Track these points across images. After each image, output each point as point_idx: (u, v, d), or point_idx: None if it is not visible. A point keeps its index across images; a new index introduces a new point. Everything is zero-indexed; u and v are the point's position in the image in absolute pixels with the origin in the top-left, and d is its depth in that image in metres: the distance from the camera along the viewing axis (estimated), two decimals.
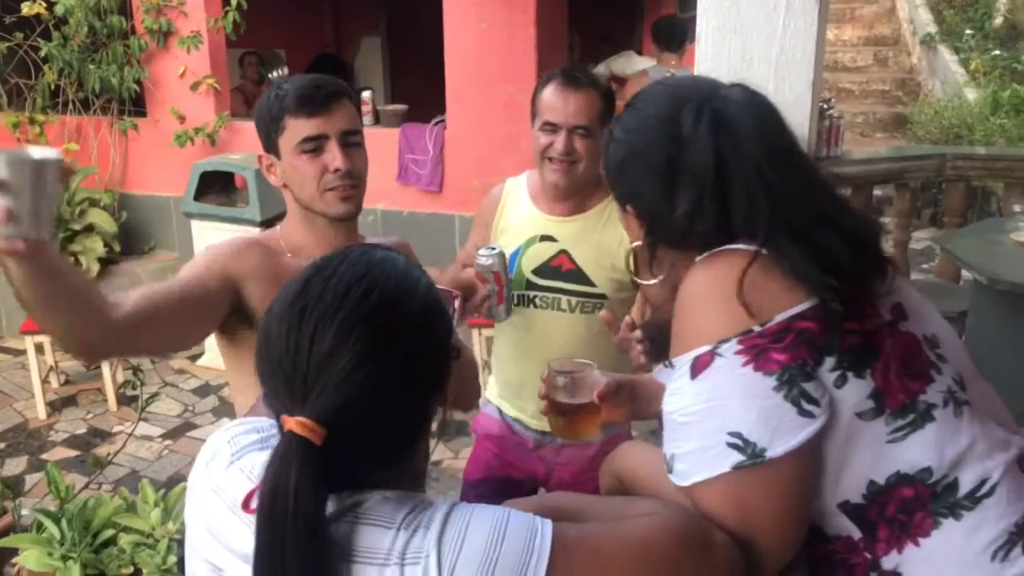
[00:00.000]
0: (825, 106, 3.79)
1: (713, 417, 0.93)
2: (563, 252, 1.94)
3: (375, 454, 0.83)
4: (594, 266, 1.92)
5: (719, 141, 1.01)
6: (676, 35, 4.79)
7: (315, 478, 0.77)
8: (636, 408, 1.37)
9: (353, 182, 1.51)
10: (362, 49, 7.63)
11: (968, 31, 10.51)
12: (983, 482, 0.98)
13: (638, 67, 5.29)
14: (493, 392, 2.14)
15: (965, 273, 3.63)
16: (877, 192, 4.68)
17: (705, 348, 0.94)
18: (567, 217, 1.95)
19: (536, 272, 1.93)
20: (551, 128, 1.84)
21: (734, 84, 1.09)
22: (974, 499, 0.98)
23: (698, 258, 1.02)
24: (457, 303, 1.43)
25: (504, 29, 4.37)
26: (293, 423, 0.79)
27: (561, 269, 1.93)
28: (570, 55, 5.87)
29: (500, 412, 2.10)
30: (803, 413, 0.92)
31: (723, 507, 0.94)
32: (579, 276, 1.93)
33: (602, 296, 1.93)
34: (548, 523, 0.82)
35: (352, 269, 0.85)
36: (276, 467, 0.78)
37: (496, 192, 2.07)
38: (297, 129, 1.47)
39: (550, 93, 1.85)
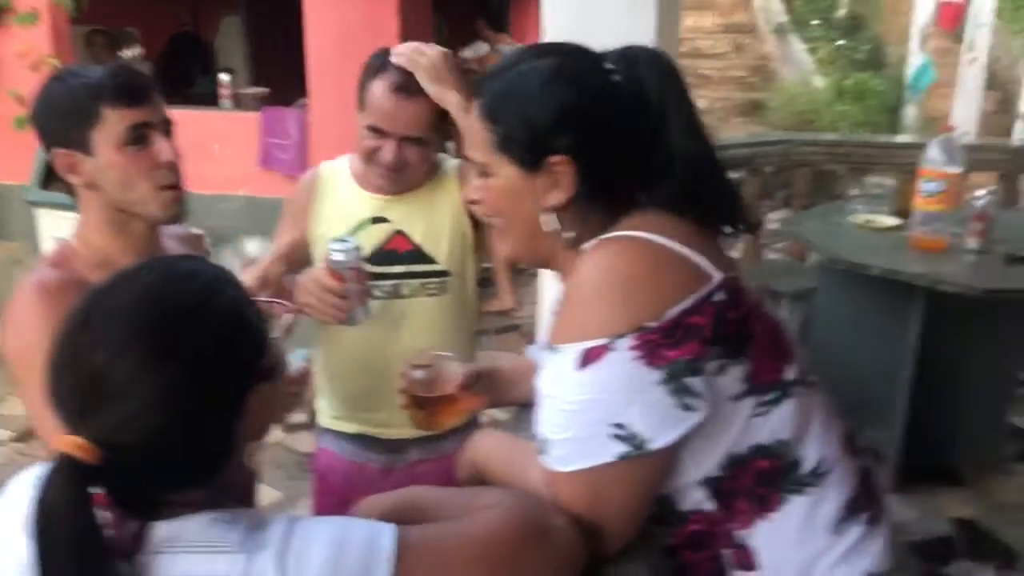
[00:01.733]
0: None
1: (598, 408, 0.94)
2: (398, 232, 1.80)
3: (172, 474, 0.81)
4: (434, 243, 1.81)
5: (661, 81, 1.01)
6: (504, 18, 4.95)
7: (81, 498, 0.74)
8: (495, 396, 1.39)
9: (179, 178, 1.39)
10: (222, 28, 7.33)
11: (815, 21, 11.09)
12: (824, 459, 1.05)
13: (482, 51, 5.37)
14: (326, 417, 1.93)
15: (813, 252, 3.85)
16: (733, 176, 4.90)
17: (600, 341, 0.95)
18: (399, 195, 1.80)
19: (372, 259, 1.75)
20: (379, 133, 1.69)
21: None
22: (816, 475, 1.04)
23: (590, 243, 1.02)
24: (288, 317, 1.31)
25: (367, 11, 4.30)
26: (62, 442, 0.76)
27: (399, 251, 1.80)
28: (437, 38, 5.83)
29: (339, 440, 1.91)
30: (685, 408, 0.94)
31: (589, 497, 0.96)
32: (419, 255, 1.81)
33: (445, 273, 1.82)
34: (390, 529, 0.82)
35: (148, 280, 0.83)
36: (44, 487, 0.75)
37: (308, 178, 1.90)
38: (120, 119, 1.31)
39: (381, 95, 1.67)
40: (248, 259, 4.67)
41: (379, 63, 1.69)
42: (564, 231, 1.06)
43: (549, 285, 1.85)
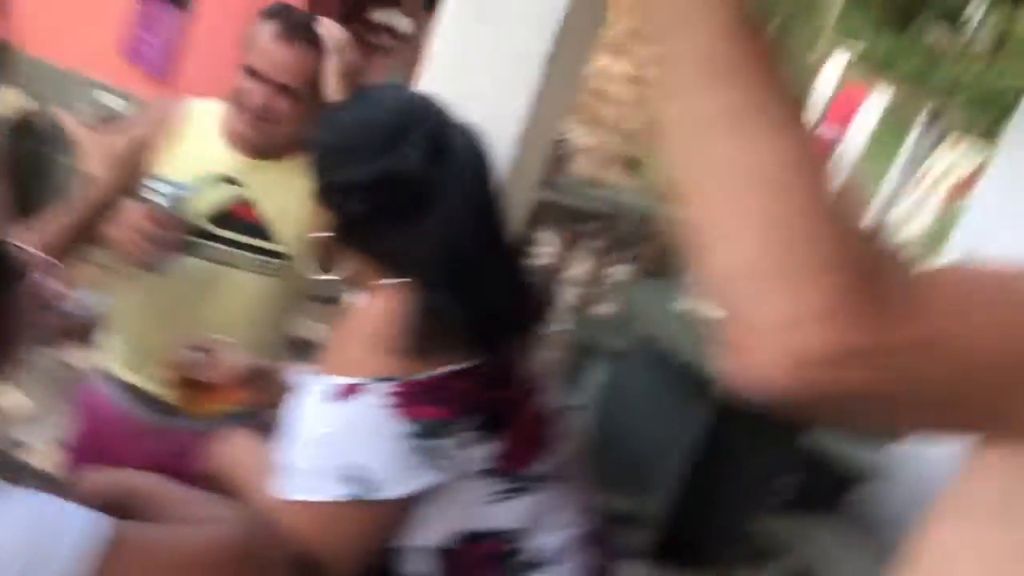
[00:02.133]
0: (562, 135, 4.01)
1: (337, 444, 0.95)
2: (247, 200, 1.72)
3: None
4: (282, 222, 1.73)
5: (438, 170, 1.02)
6: None
7: None
8: (273, 394, 1.36)
9: None
10: None
11: None
12: (553, 553, 1.09)
13: (401, 25, 5.27)
14: (110, 359, 1.82)
15: None
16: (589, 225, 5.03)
17: (359, 380, 0.95)
18: (260, 161, 1.72)
19: (212, 219, 1.69)
20: (253, 75, 1.63)
21: (463, 122, 1.10)
22: (540, 568, 1.08)
23: (380, 281, 1.03)
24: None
25: None
26: None
27: (243, 219, 1.71)
28: None
29: (115, 385, 1.81)
30: (425, 466, 0.96)
31: (310, 530, 0.96)
32: (261, 230, 1.72)
33: (284, 256, 1.76)
34: (103, 520, 0.78)
35: None
36: None
37: (172, 109, 1.78)
38: None
39: (266, 37, 1.63)
40: (105, 114, 4.34)
41: (277, 9, 1.66)
42: (339, 265, 1.11)
43: None
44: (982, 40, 12.76)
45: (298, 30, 1.62)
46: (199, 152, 1.73)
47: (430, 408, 0.95)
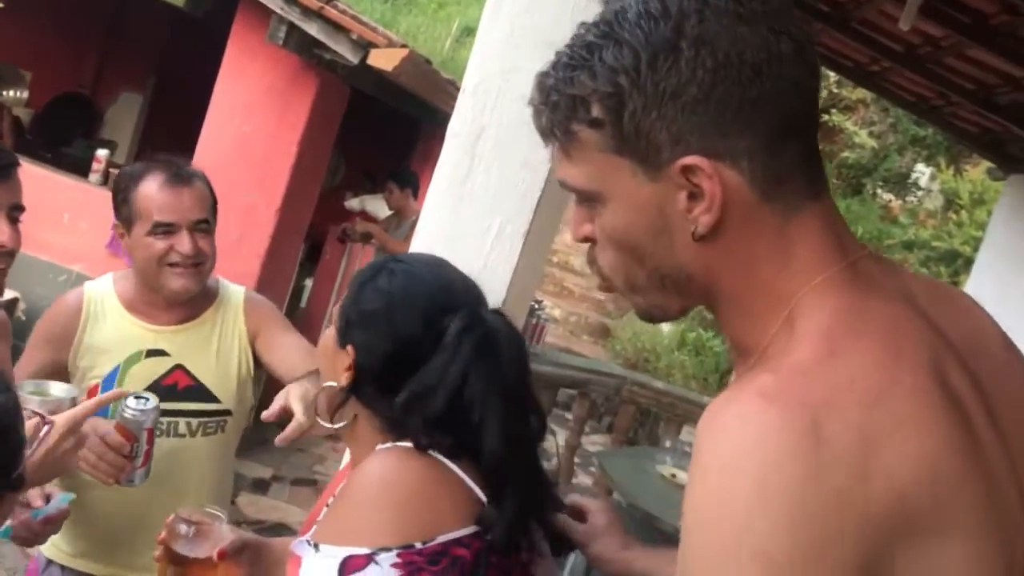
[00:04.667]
0: (536, 306, 4.10)
1: None
2: (179, 367, 1.70)
3: None
4: (216, 379, 1.72)
5: (475, 365, 1.04)
6: (414, 180, 5.19)
7: None
8: (259, 571, 1.33)
9: (5, 263, 1.39)
10: (120, 102, 7.21)
11: None
12: None
13: (383, 214, 5.49)
14: (58, 550, 1.71)
15: None
16: (566, 393, 5.06)
17: (363, 551, 0.94)
18: (178, 326, 1.72)
19: (147, 390, 1.60)
20: (167, 229, 1.63)
21: (497, 310, 1.13)
22: None
23: (381, 446, 1.03)
24: (47, 429, 1.22)
25: (268, 138, 4.35)
26: None
27: (178, 387, 1.69)
28: (330, 178, 5.93)
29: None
30: None
31: None
32: (201, 392, 1.71)
33: (227, 412, 1.74)
34: None
35: None
36: None
37: (73, 300, 1.72)
38: None
39: (157, 191, 1.63)
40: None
41: (135, 170, 1.69)
42: (339, 413, 1.11)
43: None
44: (932, 199, 13.48)
45: (183, 170, 1.67)
46: (113, 334, 1.70)
47: None
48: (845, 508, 0.57)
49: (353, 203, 6.02)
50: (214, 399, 1.73)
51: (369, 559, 0.94)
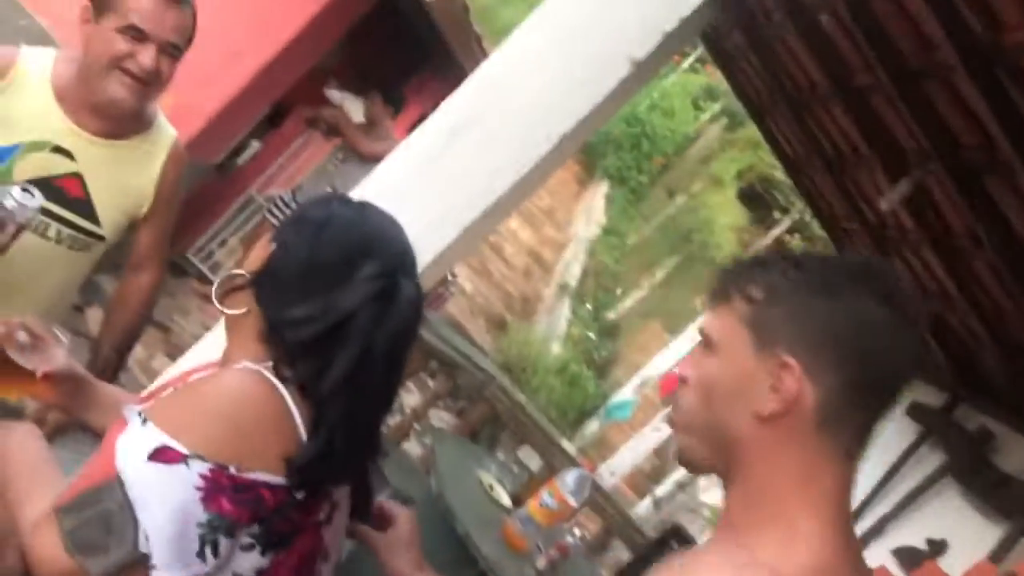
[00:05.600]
0: (449, 277, 4.13)
1: (132, 499, 0.92)
2: (77, 176, 1.63)
3: None
4: (108, 205, 1.67)
5: (366, 310, 1.05)
6: (401, 100, 5.14)
7: None
8: (76, 405, 1.30)
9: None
10: None
11: (588, 306, 12.14)
12: None
13: (356, 119, 5.39)
14: None
15: None
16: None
17: (182, 449, 0.95)
18: (98, 138, 1.65)
19: (34, 184, 1.54)
20: (138, 35, 1.56)
21: (413, 278, 1.15)
22: None
23: (249, 364, 1.04)
24: None
25: None
26: None
27: (67, 193, 1.63)
28: (323, 60, 5.80)
29: None
30: (199, 555, 0.96)
31: (57, 560, 0.92)
32: (85, 209, 1.65)
33: (101, 238, 1.70)
34: None
35: None
36: None
37: (6, 55, 1.63)
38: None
39: None
40: None
41: None
42: (234, 301, 1.11)
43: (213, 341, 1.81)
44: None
45: None
46: (29, 113, 1.62)
47: (230, 505, 0.96)
48: None
49: (335, 94, 5.90)
50: (96, 222, 1.68)
51: (183, 458, 0.95)
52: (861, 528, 3.17)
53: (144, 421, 0.98)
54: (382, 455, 1.18)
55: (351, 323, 1.04)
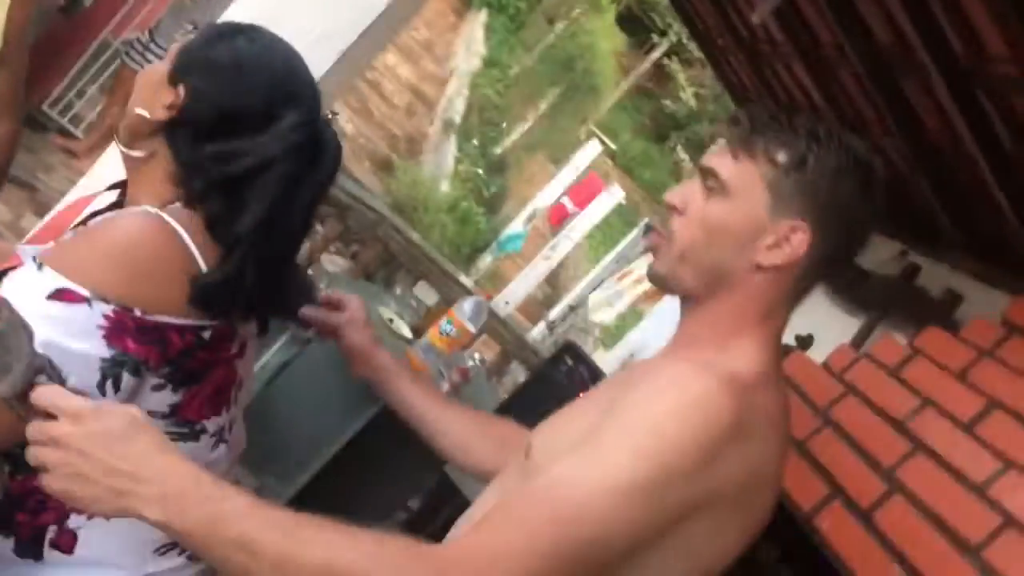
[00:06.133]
0: (330, 115, 4.00)
1: (38, 333, 0.90)
2: None
3: None
4: None
5: (290, 156, 1.05)
6: None
7: None
8: None
9: None
10: None
11: (475, 142, 12.05)
12: None
13: None
14: None
15: None
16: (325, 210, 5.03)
17: (83, 291, 0.94)
18: None
19: None
20: None
21: (331, 121, 1.15)
22: None
23: (149, 208, 1.01)
24: None
25: None
26: None
27: None
28: None
29: None
30: (100, 387, 0.96)
31: None
32: None
33: None
34: None
35: None
36: None
37: None
38: None
39: None
40: None
41: None
42: (142, 143, 1.08)
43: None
44: None
45: None
46: None
47: (135, 345, 0.96)
48: (717, 460, 0.88)
49: None
50: None
51: (85, 300, 0.94)
52: None
53: (40, 266, 0.97)
54: (307, 293, 1.20)
55: (272, 168, 1.04)
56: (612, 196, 9.18)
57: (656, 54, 16.33)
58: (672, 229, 1.03)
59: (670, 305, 4.71)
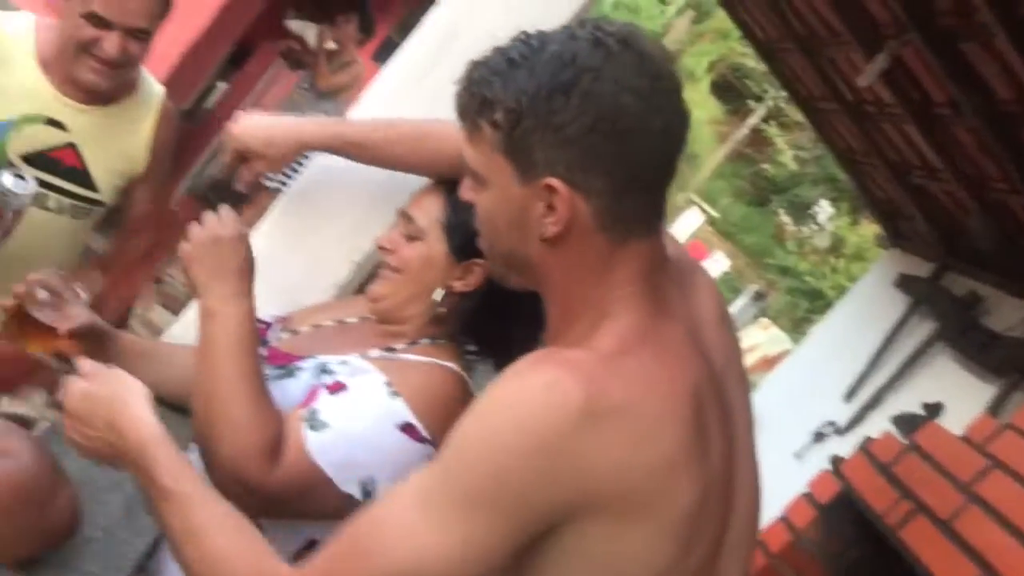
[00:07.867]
0: None
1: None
2: (71, 146, 1.62)
3: None
4: (105, 171, 1.66)
5: None
6: (373, 26, 4.91)
7: None
8: (101, 359, 1.29)
9: None
10: None
11: None
12: None
13: (311, 42, 5.23)
14: None
15: None
16: None
17: (425, 434, 1.07)
18: (85, 105, 1.61)
19: (28, 159, 1.56)
20: (101, 23, 1.51)
21: None
22: None
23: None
24: None
25: None
26: None
27: (62, 164, 1.62)
28: None
29: None
30: None
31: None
32: (82, 177, 1.64)
33: (100, 204, 1.69)
34: None
35: None
36: None
37: None
38: None
39: None
40: None
41: None
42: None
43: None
44: (822, 237, 14.11)
45: None
46: (16, 86, 1.58)
47: None
48: (569, 464, 0.76)
49: (296, 25, 5.75)
50: (94, 188, 1.67)
51: (426, 441, 1.08)
52: (860, 401, 3.27)
53: (394, 394, 1.07)
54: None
55: None
56: (717, 264, 9.04)
57: (753, 119, 16.22)
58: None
59: (788, 369, 4.55)
